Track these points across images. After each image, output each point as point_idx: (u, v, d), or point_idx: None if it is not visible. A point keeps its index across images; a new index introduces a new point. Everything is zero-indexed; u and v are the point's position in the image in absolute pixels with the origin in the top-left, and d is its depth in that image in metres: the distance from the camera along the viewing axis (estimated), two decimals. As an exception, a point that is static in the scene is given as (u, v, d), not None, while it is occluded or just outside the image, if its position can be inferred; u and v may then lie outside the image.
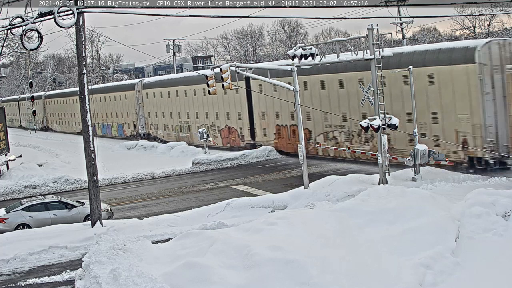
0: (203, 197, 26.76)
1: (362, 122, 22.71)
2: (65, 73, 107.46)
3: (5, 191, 30.82)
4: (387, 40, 25.48)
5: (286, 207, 21.92)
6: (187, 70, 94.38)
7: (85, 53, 20.18)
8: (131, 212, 24.99)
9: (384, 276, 13.21)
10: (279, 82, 24.95)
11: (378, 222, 15.68)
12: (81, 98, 20.15)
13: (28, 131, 77.96)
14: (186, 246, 14.93)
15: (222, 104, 41.44)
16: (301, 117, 24.00)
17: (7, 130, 39.01)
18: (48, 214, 22.04)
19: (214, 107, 42.50)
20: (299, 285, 12.60)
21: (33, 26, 17.40)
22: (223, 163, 35.47)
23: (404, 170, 24.76)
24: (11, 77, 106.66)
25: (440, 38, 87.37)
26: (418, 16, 68.38)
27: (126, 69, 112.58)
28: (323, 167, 30.85)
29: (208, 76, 24.22)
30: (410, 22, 45.43)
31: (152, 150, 44.69)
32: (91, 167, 20.21)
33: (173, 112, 48.22)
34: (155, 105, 50.98)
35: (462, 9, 57.13)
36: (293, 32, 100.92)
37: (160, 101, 50.08)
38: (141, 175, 33.92)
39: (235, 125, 40.49)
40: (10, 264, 18.15)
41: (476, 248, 14.50)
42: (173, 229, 20.23)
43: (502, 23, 70.14)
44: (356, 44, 23.62)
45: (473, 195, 16.83)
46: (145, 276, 13.15)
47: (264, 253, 13.45)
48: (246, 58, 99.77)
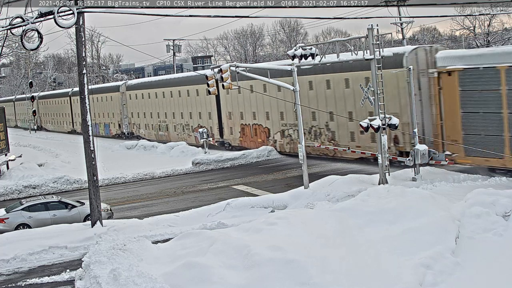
0: (203, 197, 26.77)
1: (362, 122, 22.70)
2: (65, 73, 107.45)
3: (5, 191, 30.81)
4: (387, 40, 25.53)
5: (286, 207, 21.93)
6: (187, 70, 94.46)
7: (85, 53, 20.18)
8: (131, 212, 24.99)
9: (384, 276, 13.21)
10: (279, 82, 24.96)
11: (378, 222, 15.68)
12: (81, 98, 20.15)
13: (28, 131, 77.97)
14: (186, 246, 14.93)
15: (195, 105, 44.84)
16: (301, 117, 23.99)
17: (7, 130, 39.02)
18: (48, 214, 22.04)
19: (189, 108, 45.76)
20: (299, 285, 12.60)
21: (33, 26, 17.41)
22: (223, 163, 35.49)
23: (404, 170, 24.79)
24: (11, 77, 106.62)
25: (440, 38, 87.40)
26: (418, 16, 68.50)
27: (126, 69, 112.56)
28: (323, 167, 30.87)
29: (208, 76, 24.21)
30: (410, 22, 45.45)
31: (152, 150, 44.70)
32: (91, 167, 20.22)
33: (153, 112, 51.65)
34: (138, 106, 54.74)
35: (462, 9, 57.09)
36: (293, 32, 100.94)
37: (142, 102, 53.82)
38: (141, 175, 33.92)
39: (206, 124, 43.64)
40: (10, 264, 18.15)
41: (476, 248, 14.50)
42: (173, 229, 20.23)
43: (502, 23, 70.19)
44: (356, 44, 23.62)
45: (473, 195, 16.82)
46: (145, 276, 13.16)
47: (264, 253, 13.45)
48: (246, 58, 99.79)
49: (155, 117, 51.49)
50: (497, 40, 59.29)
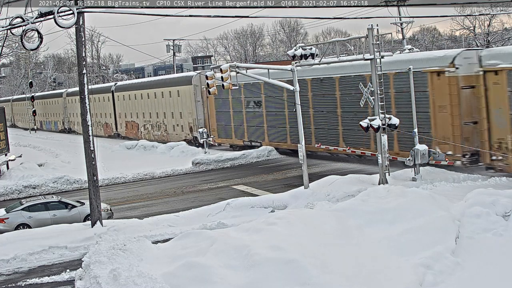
0: (203, 197, 26.77)
1: (362, 122, 22.69)
2: (65, 73, 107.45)
3: (5, 191, 30.79)
4: (387, 40, 25.53)
5: (286, 207, 21.91)
6: (187, 70, 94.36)
7: (85, 53, 20.17)
8: (131, 212, 24.99)
9: (384, 276, 13.22)
10: (279, 82, 24.97)
11: (378, 222, 15.68)
12: (81, 98, 20.15)
13: (28, 131, 78.02)
14: (186, 246, 14.93)
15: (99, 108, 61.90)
16: (300, 117, 24.00)
17: (7, 130, 39.02)
18: (48, 214, 22.04)
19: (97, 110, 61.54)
20: (299, 285, 12.60)
21: (33, 26, 17.41)
22: (223, 163, 35.48)
23: (404, 170, 24.77)
24: (11, 77, 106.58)
25: (440, 38, 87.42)
26: (418, 16, 68.37)
27: (126, 69, 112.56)
28: (323, 167, 30.87)
29: (208, 76, 24.28)
30: (410, 22, 45.34)
31: (152, 150, 44.69)
32: (91, 167, 20.21)
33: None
34: (74, 108, 68.06)
35: (462, 9, 57.07)
36: (293, 32, 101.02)
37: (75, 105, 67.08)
38: (141, 175, 33.90)
39: (109, 121, 61.51)
40: (10, 264, 18.14)
41: (476, 248, 14.51)
42: (173, 229, 20.22)
43: (502, 23, 70.09)
44: (356, 44, 23.63)
45: (473, 195, 16.82)
46: (145, 276, 13.16)
47: (264, 253, 13.45)
48: (246, 58, 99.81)
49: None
50: (497, 40, 59.29)
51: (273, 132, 36.65)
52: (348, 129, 30.13)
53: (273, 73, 26.04)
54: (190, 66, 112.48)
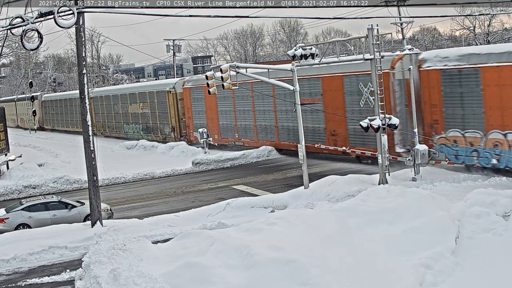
0: (203, 197, 26.77)
1: (362, 122, 22.70)
2: (65, 73, 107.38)
3: (5, 191, 30.78)
4: (387, 40, 25.52)
5: (286, 207, 21.92)
6: (187, 70, 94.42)
7: (85, 53, 20.17)
8: (131, 212, 24.99)
9: (384, 276, 13.22)
10: (279, 82, 24.97)
11: (378, 222, 15.67)
12: (81, 98, 20.15)
13: (28, 131, 77.99)
14: (186, 246, 14.93)
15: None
16: (300, 117, 24.00)
17: (7, 130, 39.01)
18: (48, 214, 22.04)
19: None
20: (299, 285, 12.61)
21: (33, 26, 17.41)
22: (223, 163, 35.48)
23: (404, 170, 24.78)
24: (11, 77, 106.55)
25: (440, 38, 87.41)
26: (418, 16, 68.51)
27: (126, 69, 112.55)
28: (323, 167, 30.86)
29: (208, 76, 24.26)
30: (410, 22, 45.37)
31: (152, 150, 44.68)
32: (91, 167, 20.21)
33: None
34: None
35: (462, 9, 57.11)
36: (293, 32, 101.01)
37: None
38: (141, 175, 33.89)
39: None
40: (10, 264, 18.15)
41: (476, 248, 14.50)
42: (173, 229, 20.22)
43: (502, 23, 70.13)
44: (356, 44, 23.63)
45: (473, 195, 16.81)
46: (145, 276, 13.16)
47: (264, 253, 13.45)
48: (246, 58, 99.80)
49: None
50: (497, 40, 59.30)
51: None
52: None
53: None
54: (190, 66, 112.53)
